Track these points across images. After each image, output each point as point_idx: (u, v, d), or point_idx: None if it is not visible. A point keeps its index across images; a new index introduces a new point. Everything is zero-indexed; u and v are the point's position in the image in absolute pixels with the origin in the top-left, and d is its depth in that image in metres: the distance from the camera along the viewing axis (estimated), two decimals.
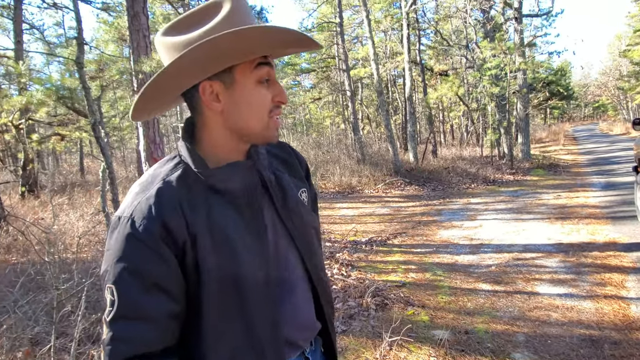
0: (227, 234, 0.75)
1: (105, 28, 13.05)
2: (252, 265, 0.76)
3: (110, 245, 0.72)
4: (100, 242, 4.31)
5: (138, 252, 0.70)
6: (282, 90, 0.78)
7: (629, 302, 3.05)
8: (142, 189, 0.75)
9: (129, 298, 0.69)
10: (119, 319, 0.69)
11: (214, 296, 0.73)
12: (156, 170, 0.79)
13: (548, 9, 12.99)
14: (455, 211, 6.87)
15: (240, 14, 0.73)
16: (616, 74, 32.03)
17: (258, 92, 0.75)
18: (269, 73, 0.76)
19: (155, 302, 0.70)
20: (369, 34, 11.14)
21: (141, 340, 0.69)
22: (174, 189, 0.74)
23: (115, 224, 0.73)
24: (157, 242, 0.70)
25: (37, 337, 2.61)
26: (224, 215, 0.76)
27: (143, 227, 0.70)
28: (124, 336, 0.69)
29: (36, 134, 9.60)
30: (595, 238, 4.62)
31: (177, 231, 0.72)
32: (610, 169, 9.91)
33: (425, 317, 3.06)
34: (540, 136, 23.54)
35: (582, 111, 56.75)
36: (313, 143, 14.58)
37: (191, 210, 0.74)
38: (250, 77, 0.75)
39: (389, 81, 19.75)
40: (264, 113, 0.76)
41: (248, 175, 0.80)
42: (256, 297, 0.76)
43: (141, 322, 0.69)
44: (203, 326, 0.74)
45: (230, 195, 0.78)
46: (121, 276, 0.69)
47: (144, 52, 4.36)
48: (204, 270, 0.73)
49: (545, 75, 24.50)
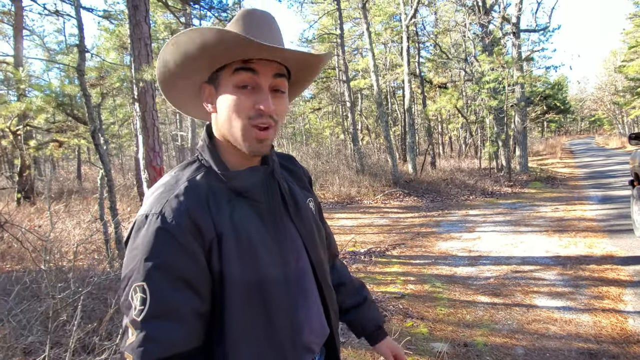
0: (249, 236, 0.75)
1: (107, 36, 13.14)
2: (273, 267, 0.77)
3: (136, 244, 0.70)
4: (97, 250, 4.28)
5: (168, 247, 0.69)
6: (266, 98, 0.74)
7: (627, 315, 3.04)
8: (168, 188, 0.75)
9: (160, 295, 0.67)
10: (150, 318, 0.66)
11: (237, 298, 0.73)
12: (178, 173, 0.79)
13: (545, 25, 13.19)
14: (454, 223, 6.87)
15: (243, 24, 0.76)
16: (612, 89, 32.41)
17: (236, 96, 0.75)
18: (252, 79, 0.75)
19: (185, 299, 0.68)
20: (369, 46, 11.26)
21: (172, 341, 0.67)
22: (201, 188, 0.75)
23: (142, 222, 0.71)
24: (187, 237, 0.70)
25: (31, 347, 2.56)
26: (247, 217, 0.77)
27: (174, 222, 0.69)
28: (156, 336, 0.66)
29: (34, 140, 9.59)
30: (593, 251, 4.62)
31: (206, 228, 0.72)
32: (607, 182, 9.97)
33: (425, 330, 3.04)
34: (538, 149, 23.69)
35: (579, 125, 57.25)
36: (312, 153, 14.61)
37: (217, 210, 0.74)
38: (230, 80, 0.75)
39: (389, 93, 19.91)
40: (242, 119, 0.75)
41: (268, 180, 0.82)
42: (277, 299, 0.76)
43: (172, 321, 0.67)
44: (226, 329, 0.74)
45: (251, 198, 0.79)
46: (152, 273, 0.67)
47: (145, 60, 4.39)
48: (228, 273, 0.73)
49: (543, 89, 24.76)
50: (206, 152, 0.81)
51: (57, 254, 3.51)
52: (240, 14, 0.78)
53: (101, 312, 2.76)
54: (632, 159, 5.35)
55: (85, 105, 4.00)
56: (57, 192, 10.63)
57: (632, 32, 24.79)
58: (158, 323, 0.67)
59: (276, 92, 0.78)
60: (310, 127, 23.25)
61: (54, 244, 3.85)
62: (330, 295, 0.92)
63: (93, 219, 5.32)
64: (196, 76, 0.80)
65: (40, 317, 2.48)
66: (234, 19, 0.78)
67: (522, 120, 12.60)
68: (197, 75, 0.79)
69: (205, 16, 13.22)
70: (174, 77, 0.80)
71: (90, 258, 4.11)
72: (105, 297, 2.93)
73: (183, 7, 10.23)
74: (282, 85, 0.78)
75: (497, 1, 12.92)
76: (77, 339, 2.23)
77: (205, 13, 12.08)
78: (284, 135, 19.70)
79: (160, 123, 14.88)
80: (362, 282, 1.13)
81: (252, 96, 0.75)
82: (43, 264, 2.46)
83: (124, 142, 19.38)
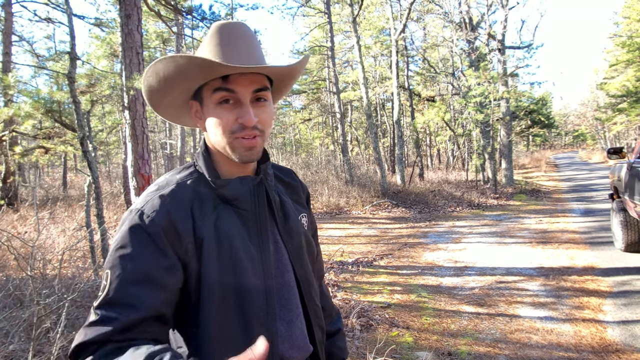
0: (232, 242, 0.78)
1: (98, 43, 13.11)
2: (253, 275, 0.78)
3: (116, 236, 0.74)
4: (82, 258, 4.23)
5: (138, 242, 0.71)
6: (247, 112, 0.76)
7: (606, 325, 3.12)
8: (158, 188, 0.79)
9: (117, 285, 0.69)
10: (104, 304, 0.68)
11: (214, 301, 0.75)
12: (172, 175, 0.83)
13: (529, 42, 13.58)
14: (441, 234, 6.95)
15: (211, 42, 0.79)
16: (594, 105, 33.29)
17: (217, 112, 0.78)
18: (231, 95, 0.77)
19: (143, 294, 0.69)
20: (359, 59, 11.45)
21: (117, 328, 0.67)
22: (188, 192, 0.79)
23: (126, 217, 0.75)
24: (160, 236, 0.72)
25: (12, 356, 2.52)
26: (231, 224, 0.79)
27: (150, 219, 0.73)
28: (101, 321, 0.67)
29: (19, 146, 9.45)
30: (575, 262, 4.73)
31: (184, 231, 0.74)
32: (589, 195, 10.20)
33: (410, 339, 3.07)
34: (523, 162, 24.14)
35: (563, 139, 58.53)
36: (302, 163, 14.66)
37: (201, 215, 0.77)
38: (211, 99, 0.78)
39: (378, 105, 20.15)
40: (225, 132, 0.78)
41: (257, 190, 0.84)
42: (255, 307, 0.78)
43: (122, 308, 0.68)
44: (200, 330, 0.75)
45: (238, 207, 0.81)
46: (117, 262, 0.70)
47: (136, 68, 4.41)
48: (206, 275, 0.74)
49: (527, 104, 25.35)
50: (200, 159, 0.84)
51: (42, 261, 3.46)
52: (214, 30, 0.79)
53: (85, 320, 2.73)
54: (612, 173, 5.52)
55: (74, 112, 4.00)
56: (42, 199, 10.45)
57: (612, 50, 25.63)
58: (107, 310, 0.68)
59: (258, 102, 0.79)
60: (301, 138, 23.34)
61: (39, 250, 3.79)
62: (316, 312, 0.91)
63: (79, 226, 5.25)
64: (181, 94, 0.83)
65: (23, 325, 2.44)
66: (208, 34, 0.80)
67: (507, 133, 12.87)
68: (182, 94, 0.83)
69: (198, 26, 13.30)
70: (160, 97, 0.84)
71: (75, 266, 4.06)
72: (90, 305, 2.89)
73: (175, 17, 10.29)
74: (264, 95, 0.80)
75: (483, 18, 13.29)
76: (60, 346, 2.21)
77: (197, 23, 12.15)
78: (274, 145, 19.72)
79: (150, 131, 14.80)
80: (339, 312, 1.13)
81: (234, 110, 0.77)
82: (29, 270, 2.44)
83: (112, 149, 19.18)
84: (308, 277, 0.90)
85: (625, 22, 22.44)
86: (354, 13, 11.76)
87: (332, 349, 1.05)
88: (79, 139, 4.08)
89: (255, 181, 0.84)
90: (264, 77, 0.80)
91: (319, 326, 0.92)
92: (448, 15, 13.45)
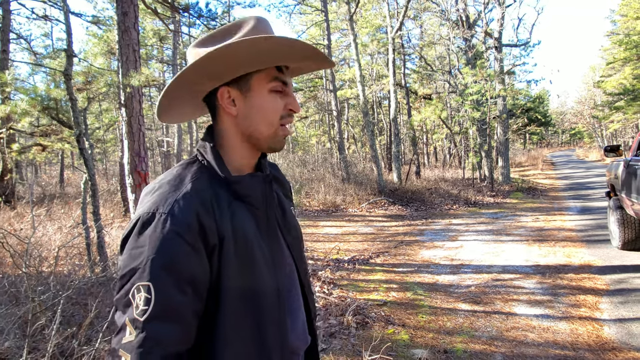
0: (247, 240, 0.77)
1: (95, 41, 13.05)
2: (267, 273, 0.79)
3: (141, 242, 0.69)
4: (78, 255, 4.21)
5: (177, 247, 0.68)
6: (295, 100, 0.84)
7: (602, 323, 3.13)
8: (173, 188, 0.75)
9: (166, 297, 0.67)
10: (154, 319, 0.66)
11: (231, 301, 0.74)
12: (180, 172, 0.79)
13: (526, 40, 13.61)
14: (437, 231, 6.96)
15: (260, 31, 0.78)
16: (591, 103, 33.41)
17: (272, 98, 0.81)
18: (283, 87, 0.82)
19: (188, 302, 0.69)
20: (356, 57, 11.43)
21: (171, 342, 0.67)
22: (206, 189, 0.76)
23: (149, 220, 0.70)
24: (195, 237, 0.70)
25: (7, 353, 2.51)
26: (245, 221, 0.79)
27: (184, 222, 0.70)
28: (157, 337, 0.65)
29: (16, 143, 9.40)
30: (571, 260, 4.75)
31: (210, 231, 0.72)
32: (586, 193, 10.24)
33: (405, 336, 3.08)
34: (520, 160, 24.21)
35: (560, 137, 58.74)
36: (299, 161, 14.65)
37: (219, 212, 0.75)
38: (266, 86, 0.81)
39: (375, 103, 20.15)
40: (275, 118, 0.81)
41: (266, 187, 0.85)
42: (270, 306, 0.79)
43: (173, 322, 0.67)
44: (216, 331, 0.74)
45: (250, 204, 0.81)
46: (159, 273, 0.67)
47: (133, 66, 4.39)
48: (225, 275, 0.74)
49: (524, 102, 25.41)
50: (209, 153, 0.81)
51: (38, 258, 3.45)
52: (255, 22, 0.79)
53: (81, 317, 2.72)
54: (608, 171, 5.54)
55: (71, 110, 3.97)
56: (38, 197, 10.41)
57: (609, 49, 25.71)
58: (160, 324, 0.66)
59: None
60: (297, 135, 23.31)
61: (35, 247, 3.78)
62: (313, 302, 0.95)
63: (75, 223, 5.23)
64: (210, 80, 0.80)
65: (18, 322, 2.43)
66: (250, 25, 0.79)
67: (504, 131, 12.90)
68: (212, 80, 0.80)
69: (194, 24, 13.25)
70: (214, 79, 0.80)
71: (71, 263, 4.04)
72: (86, 302, 2.89)
73: (172, 14, 10.24)
74: None
75: (480, 16, 13.30)
76: (55, 343, 2.20)
77: (194, 21, 12.11)
78: None
79: (147, 128, 14.75)
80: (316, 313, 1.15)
81: (284, 99, 0.83)
82: (24, 267, 2.43)
83: (109, 147, 19.12)
84: (306, 268, 0.94)
85: (622, 20, 22.51)
86: (351, 11, 11.74)
87: None
88: (75, 137, 4.06)
89: (266, 179, 0.85)
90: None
91: (314, 315, 0.96)
92: (445, 13, 13.44)
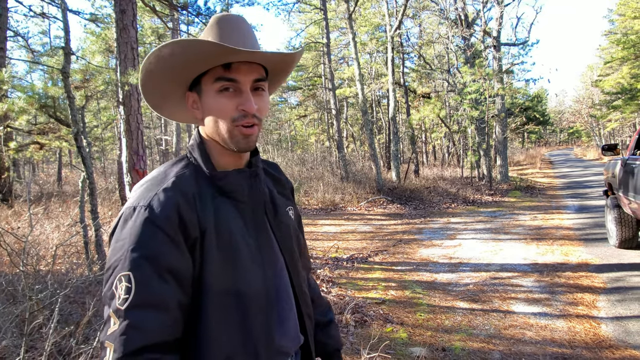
0: (231, 234, 0.78)
1: (93, 39, 12.99)
2: (252, 266, 0.79)
3: (123, 235, 0.71)
4: (76, 254, 4.20)
5: (155, 238, 0.70)
6: (248, 99, 0.78)
7: (600, 321, 3.14)
8: (156, 182, 0.77)
9: (146, 285, 0.68)
10: (134, 307, 0.67)
11: (214, 294, 0.75)
12: (167, 169, 0.81)
13: (524, 39, 13.63)
14: (436, 230, 6.97)
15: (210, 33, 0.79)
16: (589, 102, 33.48)
17: (217, 100, 0.78)
18: (232, 85, 0.78)
19: (170, 290, 0.70)
20: (355, 56, 11.42)
21: (154, 329, 0.67)
22: (188, 184, 0.78)
23: (130, 214, 0.72)
24: (174, 229, 0.71)
25: (4, 352, 2.51)
26: (230, 215, 0.80)
27: (162, 214, 0.71)
28: (139, 325, 0.66)
29: (14, 141, 9.36)
30: (569, 259, 4.76)
31: (191, 224, 0.74)
32: (584, 192, 10.27)
33: (404, 334, 3.09)
34: (518, 159, 24.24)
35: (558, 136, 58.84)
36: (297, 159, 14.65)
37: (202, 206, 0.77)
38: (212, 87, 0.79)
39: (374, 101, 20.15)
40: (226, 120, 0.78)
41: (253, 183, 0.85)
42: (256, 305, 0.78)
43: (155, 310, 0.68)
44: (200, 328, 0.75)
45: (235, 199, 0.82)
46: (138, 263, 0.68)
47: (131, 64, 4.38)
48: (208, 271, 0.74)
49: (523, 101, 25.45)
50: (196, 151, 0.83)
51: (35, 257, 3.44)
52: (214, 20, 0.81)
53: (78, 316, 2.72)
54: (606, 170, 5.55)
55: (68, 108, 3.96)
56: (36, 195, 10.38)
57: (607, 48, 25.77)
58: (141, 312, 0.67)
59: (257, 91, 0.81)
60: (296, 134, 23.31)
61: (32, 246, 3.77)
62: (305, 301, 0.93)
63: (73, 222, 5.21)
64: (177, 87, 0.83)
65: (15, 320, 2.43)
66: (209, 25, 0.81)
67: (502, 130, 12.92)
68: (178, 86, 0.83)
69: (193, 22, 13.21)
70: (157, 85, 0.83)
71: (69, 262, 4.03)
72: (84, 300, 2.88)
73: (171, 12, 10.22)
74: (262, 85, 0.82)
75: (478, 15, 13.30)
76: (53, 342, 2.19)
77: (192, 19, 12.08)
78: (270, 142, 19.70)
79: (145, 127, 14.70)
80: (329, 303, 1.14)
81: (234, 98, 0.78)
82: (21, 265, 2.42)
83: (107, 145, 19.07)
84: (297, 266, 0.92)
85: (620, 20, 22.54)
86: (350, 9, 11.72)
87: (327, 339, 1.06)
88: (73, 135, 4.04)
89: (251, 174, 0.85)
90: (261, 68, 0.81)
91: (308, 316, 0.94)
92: (444, 12, 13.44)
